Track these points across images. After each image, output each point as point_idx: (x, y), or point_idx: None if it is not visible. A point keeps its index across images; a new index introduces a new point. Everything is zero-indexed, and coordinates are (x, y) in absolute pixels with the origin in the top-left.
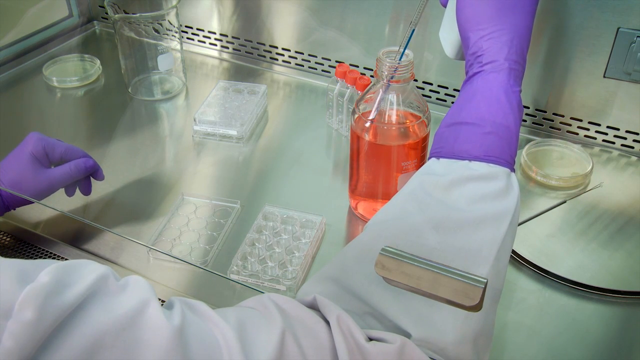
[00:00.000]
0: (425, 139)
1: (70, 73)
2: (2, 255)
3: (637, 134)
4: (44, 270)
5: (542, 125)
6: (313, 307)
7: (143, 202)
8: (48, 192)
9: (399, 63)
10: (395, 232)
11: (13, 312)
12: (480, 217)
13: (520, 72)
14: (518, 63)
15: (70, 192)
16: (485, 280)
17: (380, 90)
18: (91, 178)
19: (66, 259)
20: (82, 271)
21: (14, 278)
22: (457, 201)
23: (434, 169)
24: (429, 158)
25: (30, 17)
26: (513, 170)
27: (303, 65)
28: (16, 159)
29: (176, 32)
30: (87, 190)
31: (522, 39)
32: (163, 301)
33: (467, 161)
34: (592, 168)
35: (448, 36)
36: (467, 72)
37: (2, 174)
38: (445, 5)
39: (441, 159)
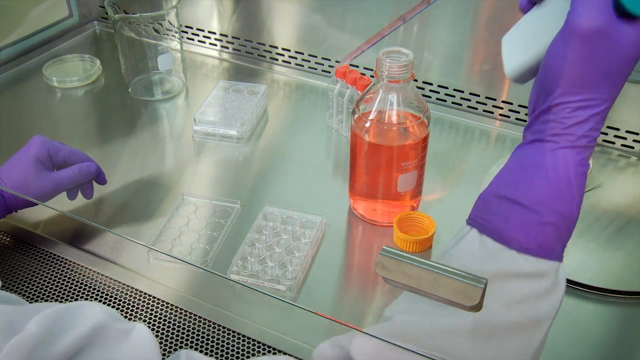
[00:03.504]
0: (425, 139)
1: (70, 73)
2: (2, 256)
3: (637, 134)
4: (33, 319)
5: None
6: None
7: (143, 202)
8: (51, 195)
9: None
10: (424, 330)
11: None
12: (518, 322)
13: (595, 145)
14: (597, 136)
15: (72, 196)
16: (485, 281)
17: (380, 90)
18: (93, 182)
19: (66, 259)
20: (77, 317)
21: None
22: (496, 300)
23: (473, 247)
24: (468, 223)
25: (30, 18)
26: (562, 260)
27: (303, 65)
28: (19, 162)
29: (176, 32)
30: (89, 194)
31: (610, 107)
32: (163, 301)
33: (515, 252)
34: (592, 168)
35: (516, 53)
36: (530, 128)
37: (5, 176)
38: (525, 11)
39: (484, 236)
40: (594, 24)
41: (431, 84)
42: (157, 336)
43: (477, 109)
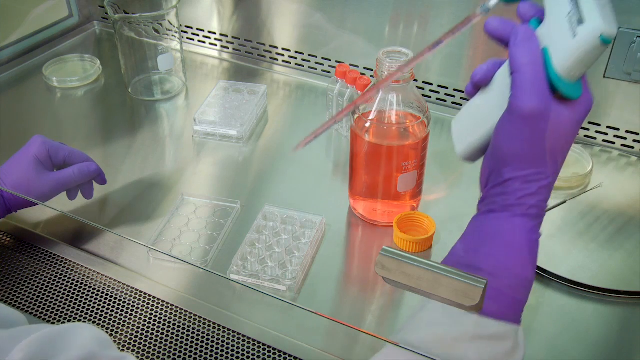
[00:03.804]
0: (425, 139)
1: (70, 73)
2: (2, 256)
3: (637, 134)
4: (19, 345)
5: None
6: None
7: (143, 202)
8: (51, 196)
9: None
10: None
11: None
12: None
13: (544, 214)
14: (546, 207)
15: (72, 196)
16: (485, 281)
17: (380, 90)
18: (93, 182)
19: (66, 259)
20: (65, 344)
21: None
22: None
23: (437, 311)
24: None
25: (31, 18)
26: (520, 323)
27: (303, 65)
28: (19, 162)
29: (176, 32)
30: (89, 194)
31: (556, 178)
32: (163, 301)
33: (476, 315)
34: (592, 168)
35: (465, 134)
36: (484, 201)
37: (5, 176)
38: (471, 95)
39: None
40: (534, 107)
41: (431, 84)
42: (157, 336)
43: None
